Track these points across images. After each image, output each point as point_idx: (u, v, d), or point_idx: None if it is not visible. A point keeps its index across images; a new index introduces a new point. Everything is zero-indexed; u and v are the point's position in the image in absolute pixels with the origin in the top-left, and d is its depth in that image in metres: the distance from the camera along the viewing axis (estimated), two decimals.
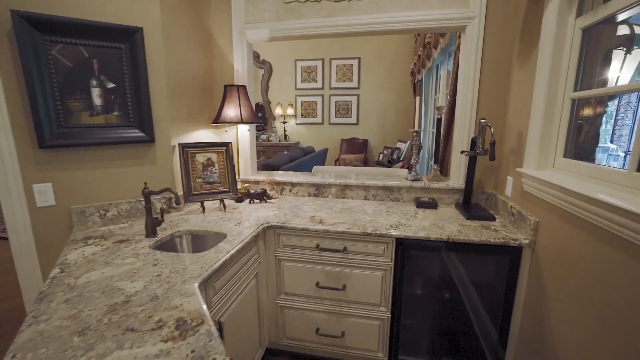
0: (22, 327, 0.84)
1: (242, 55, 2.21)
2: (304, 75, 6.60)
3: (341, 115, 6.63)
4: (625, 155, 1.41)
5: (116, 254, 1.29)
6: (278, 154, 4.07)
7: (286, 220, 1.72)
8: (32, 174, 1.54)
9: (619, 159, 1.45)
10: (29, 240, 1.57)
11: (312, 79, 6.57)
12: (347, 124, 6.64)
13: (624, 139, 1.42)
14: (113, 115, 1.64)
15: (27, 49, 1.41)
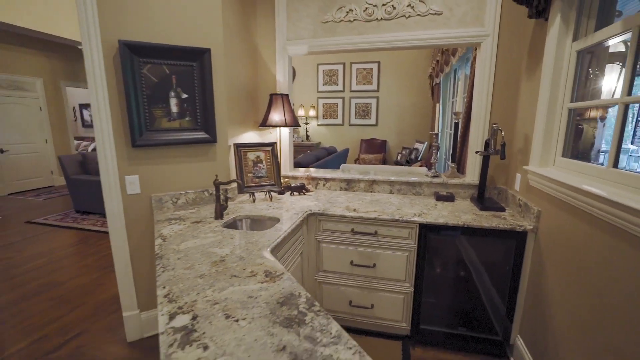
0: (157, 273, 1.20)
1: (283, 67, 2.56)
2: (325, 79, 6.93)
3: (361, 116, 6.93)
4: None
5: (198, 231, 1.65)
6: (305, 154, 4.41)
7: (325, 209, 2.05)
8: (125, 168, 1.92)
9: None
10: (121, 220, 1.95)
11: (333, 82, 6.89)
12: (366, 125, 6.93)
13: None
14: (185, 120, 2.01)
15: (127, 69, 1.79)
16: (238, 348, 0.80)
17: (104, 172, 1.88)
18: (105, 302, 2.58)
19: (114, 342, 2.13)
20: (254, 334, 0.85)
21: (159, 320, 0.92)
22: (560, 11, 1.58)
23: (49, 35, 4.99)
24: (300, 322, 0.90)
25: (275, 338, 0.84)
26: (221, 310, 0.96)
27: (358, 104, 6.88)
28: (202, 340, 0.83)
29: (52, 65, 6.89)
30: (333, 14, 2.39)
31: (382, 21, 2.32)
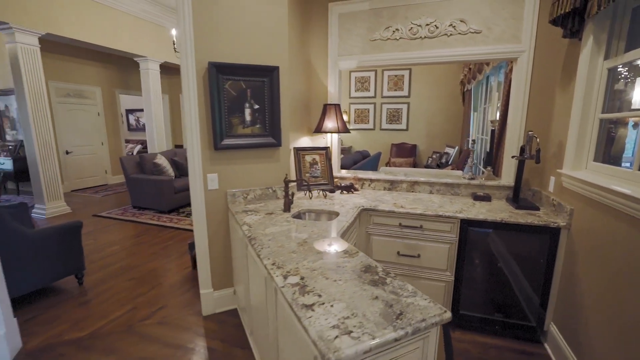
0: (257, 249, 1.53)
1: (334, 80, 2.88)
2: (357, 85, 7.23)
3: (391, 121, 7.16)
4: None
5: (273, 220, 1.98)
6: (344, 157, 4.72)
7: (375, 205, 2.34)
8: (208, 167, 2.30)
9: None
10: (203, 212, 2.33)
11: (365, 88, 7.18)
12: (397, 130, 7.16)
13: None
14: (256, 127, 2.37)
15: (213, 85, 2.17)
16: (343, 296, 1.11)
17: (191, 171, 2.26)
18: (176, 284, 2.98)
19: (192, 314, 2.51)
20: (351, 289, 1.16)
21: (276, 280, 1.24)
22: (592, 33, 1.80)
23: (111, 49, 5.60)
24: (382, 283, 1.20)
25: (367, 292, 1.14)
26: (320, 274, 1.27)
27: (389, 109, 7.13)
28: (314, 291, 1.14)
29: (109, 75, 7.60)
30: (380, 32, 2.68)
31: (425, 39, 2.59)
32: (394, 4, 2.62)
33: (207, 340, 2.22)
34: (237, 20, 2.20)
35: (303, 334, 1.04)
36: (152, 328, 2.35)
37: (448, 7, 2.51)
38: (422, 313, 1.02)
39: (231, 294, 2.55)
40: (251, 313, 1.99)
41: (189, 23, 2.08)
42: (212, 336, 2.27)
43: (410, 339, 0.98)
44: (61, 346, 2.17)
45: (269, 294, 1.45)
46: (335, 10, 2.78)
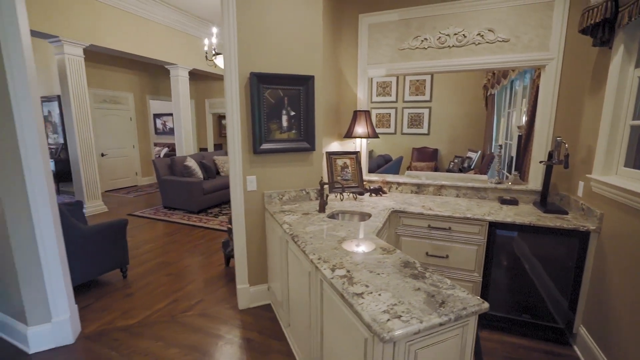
0: (302, 246, 1.67)
1: (363, 87, 3.01)
2: (379, 90, 7.33)
3: (413, 125, 7.22)
4: None
5: (310, 220, 2.12)
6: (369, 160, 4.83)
7: (404, 208, 2.44)
8: (247, 170, 2.46)
9: None
10: (242, 211, 2.50)
11: (387, 93, 7.27)
12: (418, 134, 7.21)
13: None
14: (292, 133, 2.52)
15: (254, 94, 2.34)
16: (388, 287, 1.23)
17: (232, 173, 2.43)
18: (211, 280, 3.17)
19: (228, 308, 2.67)
20: (394, 281, 1.27)
21: (325, 272, 1.37)
22: (623, 42, 1.86)
23: (145, 57, 5.92)
24: (422, 277, 1.31)
25: (409, 284, 1.25)
26: (363, 268, 1.39)
27: (410, 114, 7.19)
28: (361, 282, 1.26)
29: (140, 82, 8.00)
30: (409, 42, 2.80)
31: (453, 48, 2.68)
32: (422, 14, 2.73)
33: (245, 332, 2.37)
34: (276, 34, 2.37)
35: (352, 319, 1.16)
36: (193, 319, 2.52)
37: (476, 17, 2.59)
38: (462, 303, 1.12)
39: (265, 290, 2.70)
40: (289, 307, 2.13)
41: (234, 37, 2.26)
42: (249, 328, 2.42)
43: (453, 325, 1.09)
44: (114, 332, 2.37)
45: (313, 286, 1.58)
46: (365, 21, 2.92)
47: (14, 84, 1.87)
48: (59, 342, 2.21)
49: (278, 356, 2.13)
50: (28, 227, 2.04)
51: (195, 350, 2.18)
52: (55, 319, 2.18)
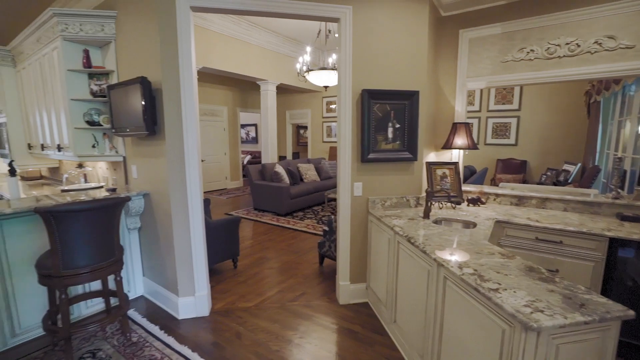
0: (421, 246, 1.84)
1: (461, 100, 3.09)
2: None
3: (498, 136, 6.89)
4: None
5: (418, 225, 2.28)
6: None
7: (508, 218, 2.46)
8: (355, 177, 2.73)
9: None
10: (348, 214, 2.76)
11: (470, 102, 7.07)
12: (504, 145, 6.85)
13: None
14: (396, 144, 2.73)
15: (364, 108, 2.60)
16: (520, 286, 1.34)
17: (341, 179, 2.72)
18: (309, 276, 3.49)
19: (329, 302, 2.94)
20: (524, 282, 1.38)
21: (452, 269, 1.53)
22: None
23: (241, 75, 6.68)
24: (552, 281, 1.39)
25: (540, 285, 1.35)
26: (489, 269, 1.51)
27: (495, 123, 6.88)
28: (492, 280, 1.39)
29: (233, 96, 9.00)
30: (513, 54, 2.81)
31: (563, 58, 2.64)
32: (528, 26, 2.74)
33: (348, 324, 2.60)
34: (385, 55, 2.61)
35: (485, 312, 1.30)
36: (300, 309, 2.84)
37: (588, 26, 2.52)
38: (604, 307, 1.19)
39: (363, 289, 2.91)
40: (395, 304, 2.31)
41: (349, 60, 2.56)
42: (351, 321, 2.64)
43: (596, 327, 1.16)
44: (237, 311, 2.79)
45: (433, 283, 1.74)
46: (465, 36, 3.01)
47: (185, 111, 2.41)
48: (199, 313, 2.69)
49: (382, 348, 2.31)
50: (185, 218, 2.56)
51: (307, 334, 2.48)
52: (198, 293, 2.67)
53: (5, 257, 2.26)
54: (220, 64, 6.09)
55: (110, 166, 3.28)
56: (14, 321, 2.33)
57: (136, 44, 2.64)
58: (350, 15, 2.53)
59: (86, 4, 3.16)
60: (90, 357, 2.22)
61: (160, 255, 2.78)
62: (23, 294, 2.36)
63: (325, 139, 9.29)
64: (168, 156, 2.46)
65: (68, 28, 2.73)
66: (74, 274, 2.06)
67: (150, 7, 2.42)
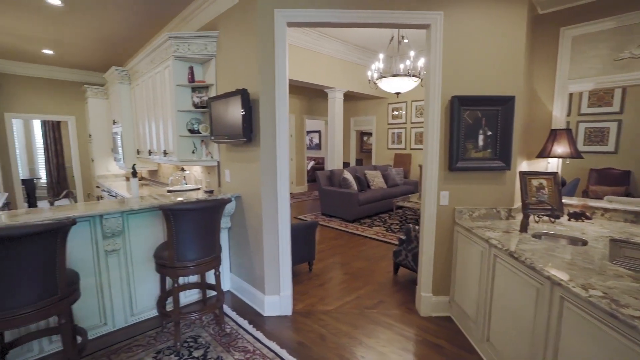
0: (528, 262, 1.72)
1: (561, 104, 2.82)
2: None
3: (591, 142, 6.13)
4: None
5: (516, 238, 2.13)
6: None
7: (627, 237, 2.17)
8: (441, 185, 2.65)
9: None
10: (433, 224, 2.68)
11: None
12: (599, 153, 6.07)
13: None
14: (487, 152, 2.59)
15: (454, 115, 2.52)
16: None
17: (427, 187, 2.66)
18: (385, 284, 3.45)
19: (409, 312, 2.87)
20: None
21: (575, 290, 1.40)
22: None
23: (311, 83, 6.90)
24: None
25: None
26: (622, 293, 1.35)
27: (588, 128, 6.13)
28: (632, 307, 1.24)
29: (301, 104, 9.36)
30: (632, 51, 2.50)
31: None
32: None
33: (432, 338, 2.51)
34: (477, 60, 2.51)
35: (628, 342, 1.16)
36: (380, 317, 2.82)
37: None
38: None
39: (446, 302, 2.80)
40: (489, 321, 2.17)
41: (439, 67, 2.51)
42: (435, 335, 2.55)
43: None
44: (318, 313, 2.87)
45: (544, 303, 1.60)
46: (568, 34, 2.76)
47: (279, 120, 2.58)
48: (283, 312, 2.83)
49: None
50: (274, 220, 2.72)
51: (390, 344, 2.45)
52: (282, 293, 2.81)
53: (129, 247, 2.63)
54: (292, 74, 6.38)
55: (205, 170, 3.63)
56: (133, 302, 2.69)
57: (235, 59, 2.91)
58: (442, 21, 2.48)
59: (193, 26, 3.58)
60: (193, 342, 2.46)
61: (248, 254, 2.99)
62: (139, 279, 2.71)
63: (390, 146, 9.15)
64: (262, 162, 2.65)
65: (179, 49, 3.11)
66: (184, 266, 2.32)
67: (250, 26, 2.65)
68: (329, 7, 2.51)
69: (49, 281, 1.74)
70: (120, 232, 2.53)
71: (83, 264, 2.41)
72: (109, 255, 2.54)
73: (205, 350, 2.35)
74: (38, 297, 1.70)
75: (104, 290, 2.54)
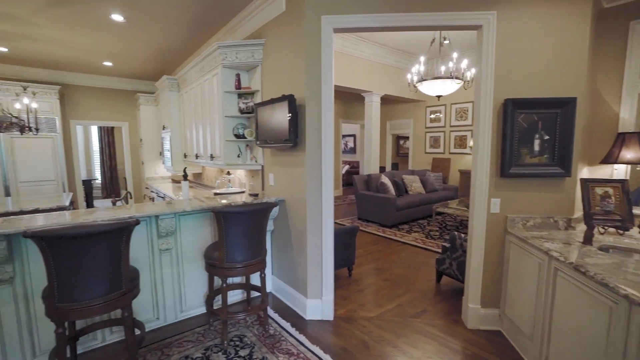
0: (597, 278, 1.59)
1: (630, 106, 2.60)
2: None
3: None
4: None
5: (580, 251, 1.97)
6: None
7: None
8: (492, 192, 2.52)
9: None
10: (482, 232, 2.56)
11: None
12: None
13: None
14: (543, 157, 2.43)
15: (507, 119, 2.39)
16: None
17: (476, 194, 2.55)
18: (427, 292, 3.34)
19: (454, 324, 2.75)
20: None
21: None
22: None
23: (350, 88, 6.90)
24: None
25: None
26: None
27: None
28: None
29: (337, 108, 9.39)
30: None
31: None
32: None
33: (482, 352, 2.39)
34: (533, 58, 2.37)
35: None
36: (424, 326, 2.73)
37: None
38: None
39: (495, 315, 2.65)
40: (549, 340, 2.03)
41: (491, 68, 2.41)
42: (485, 349, 2.42)
43: None
44: (359, 319, 2.84)
45: (618, 324, 1.47)
46: (639, 29, 2.53)
47: (324, 124, 2.60)
48: (324, 317, 2.83)
49: None
50: (318, 224, 2.74)
51: (437, 356, 2.36)
52: (324, 297, 2.81)
53: (180, 246, 2.77)
54: (336, 80, 6.43)
55: (249, 173, 3.74)
56: (182, 299, 2.82)
57: (281, 66, 2.98)
58: (494, 21, 2.38)
59: (238, 36, 3.72)
60: (239, 341, 2.53)
61: (291, 257, 3.03)
62: (188, 277, 2.84)
63: (428, 150, 8.91)
64: (307, 166, 2.69)
65: (227, 57, 3.25)
66: (233, 267, 2.40)
67: (297, 33, 2.70)
68: (376, 12, 2.50)
69: (116, 276, 1.87)
70: (173, 232, 2.67)
71: (140, 261, 2.58)
72: (162, 253, 2.69)
73: (250, 350, 2.41)
74: (106, 291, 1.83)
75: (157, 286, 2.69)
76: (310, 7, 2.56)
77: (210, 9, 3.37)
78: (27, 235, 1.60)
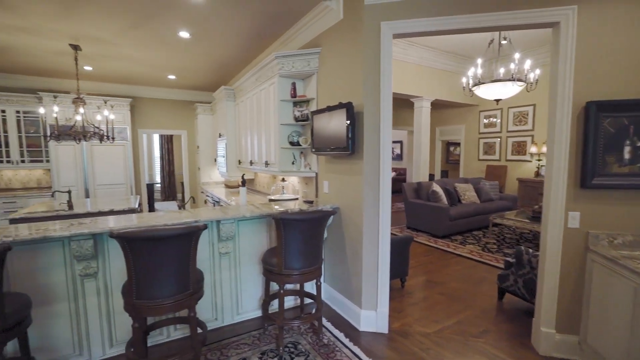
0: None
1: None
2: None
3: None
4: None
5: None
6: None
7: None
8: (570, 205, 2.29)
9: None
10: (558, 248, 2.33)
11: None
12: None
13: None
14: (636, 167, 2.15)
15: (590, 124, 2.16)
16: None
17: (551, 206, 2.32)
18: (488, 311, 3.10)
19: (523, 348, 2.52)
20: None
21: None
22: None
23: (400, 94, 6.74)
24: None
25: None
26: None
27: None
28: None
29: None
30: None
31: None
32: None
33: None
34: (622, 55, 2.13)
35: None
36: (489, 348, 2.53)
37: None
38: None
39: (574, 343, 2.38)
40: None
41: (569, 68, 2.20)
42: None
43: None
44: (416, 335, 2.71)
45: None
46: None
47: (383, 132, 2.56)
48: (379, 329, 2.74)
49: None
50: (375, 233, 2.68)
51: None
52: (379, 309, 2.73)
53: (238, 250, 2.86)
54: None
55: (302, 180, 3.78)
56: (239, 302, 2.91)
57: (337, 74, 2.99)
58: (575, 17, 2.18)
59: (292, 46, 3.82)
60: (293, 347, 2.54)
61: (345, 266, 2.99)
62: (245, 281, 2.93)
63: (481, 157, 8.41)
64: (364, 174, 2.65)
65: (284, 67, 3.34)
66: (290, 274, 2.42)
67: (355, 40, 2.70)
68: (438, 15, 2.41)
69: (184, 278, 1.97)
70: (233, 237, 2.76)
71: (202, 263, 2.70)
72: (222, 257, 2.80)
73: (305, 358, 2.40)
74: (176, 291, 1.94)
75: (216, 288, 2.80)
76: (370, 13, 2.54)
77: (269, 20, 3.48)
78: (113, 235, 1.75)
